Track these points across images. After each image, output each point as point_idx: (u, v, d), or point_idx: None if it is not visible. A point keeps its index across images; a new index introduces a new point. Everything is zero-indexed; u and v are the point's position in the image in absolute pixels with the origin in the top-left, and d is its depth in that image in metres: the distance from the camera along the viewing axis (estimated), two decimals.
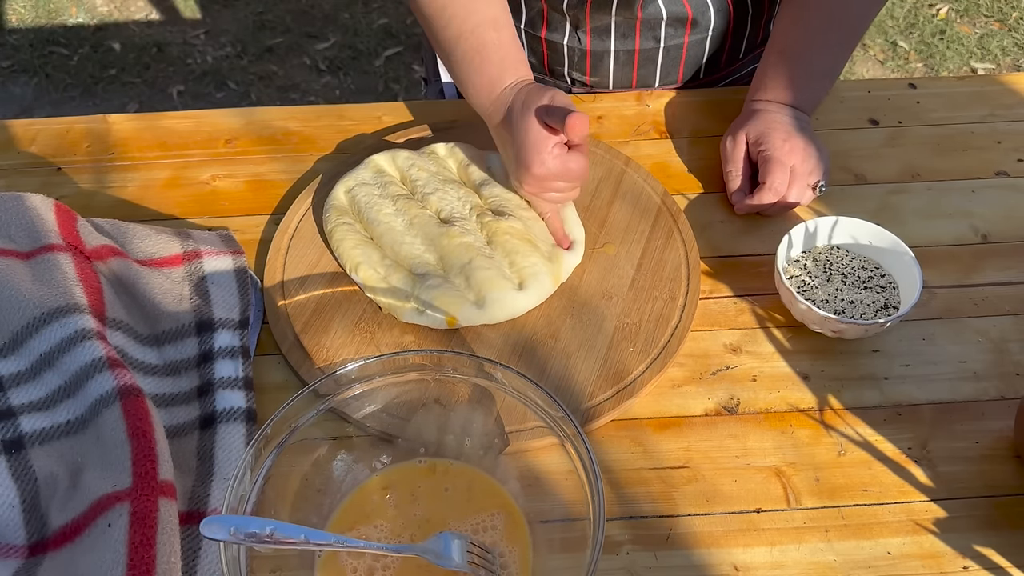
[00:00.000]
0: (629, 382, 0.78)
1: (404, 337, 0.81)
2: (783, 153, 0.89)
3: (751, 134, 0.92)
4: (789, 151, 0.89)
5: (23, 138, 0.99)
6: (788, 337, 0.82)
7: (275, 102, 2.36)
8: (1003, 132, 0.99)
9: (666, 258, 0.86)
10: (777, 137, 0.90)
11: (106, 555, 0.61)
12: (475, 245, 0.83)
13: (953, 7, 2.59)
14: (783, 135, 0.90)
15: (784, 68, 0.94)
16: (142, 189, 0.94)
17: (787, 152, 0.89)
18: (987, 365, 0.80)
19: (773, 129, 0.91)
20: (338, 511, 0.69)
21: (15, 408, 0.70)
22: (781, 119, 0.92)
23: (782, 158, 0.89)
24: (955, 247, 0.89)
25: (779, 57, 0.94)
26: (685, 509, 0.72)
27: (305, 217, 0.90)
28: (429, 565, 0.63)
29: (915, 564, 0.69)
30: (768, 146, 0.90)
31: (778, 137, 0.90)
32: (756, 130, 0.92)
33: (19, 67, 2.44)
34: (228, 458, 0.72)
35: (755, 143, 0.91)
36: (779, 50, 0.95)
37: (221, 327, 0.79)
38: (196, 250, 0.83)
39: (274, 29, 2.55)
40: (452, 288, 0.81)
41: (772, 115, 0.92)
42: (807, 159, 0.90)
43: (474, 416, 0.71)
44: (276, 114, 1.01)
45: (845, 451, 0.75)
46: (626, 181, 0.93)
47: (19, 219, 0.78)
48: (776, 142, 0.90)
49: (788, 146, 0.89)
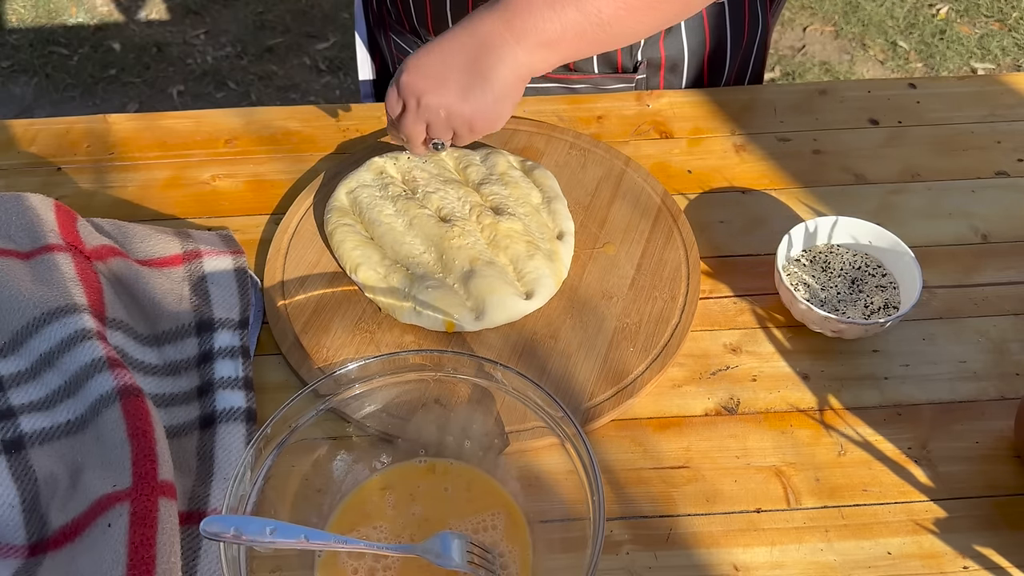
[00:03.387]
0: (629, 382, 0.78)
1: (404, 337, 0.81)
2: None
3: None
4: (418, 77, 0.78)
5: (23, 138, 0.99)
6: (788, 337, 0.82)
7: (275, 102, 2.36)
8: (1003, 132, 0.99)
9: (666, 258, 0.86)
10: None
11: (106, 555, 0.61)
12: (476, 247, 0.83)
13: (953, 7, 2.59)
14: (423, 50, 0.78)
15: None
16: (142, 189, 0.94)
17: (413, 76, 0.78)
18: (987, 365, 0.80)
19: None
20: (338, 511, 0.69)
21: (15, 408, 0.70)
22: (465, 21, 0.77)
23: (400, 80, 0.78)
24: (955, 247, 0.89)
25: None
26: (685, 509, 0.72)
27: (305, 217, 0.90)
28: (429, 565, 0.63)
29: (915, 564, 0.69)
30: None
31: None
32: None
33: (19, 67, 2.44)
34: (228, 458, 0.72)
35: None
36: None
37: (221, 327, 0.79)
38: (196, 250, 0.83)
39: (274, 29, 2.55)
40: (450, 292, 0.81)
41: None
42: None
43: (474, 416, 0.71)
44: (276, 114, 1.01)
45: (845, 451, 0.75)
46: (626, 181, 0.93)
47: (19, 219, 0.78)
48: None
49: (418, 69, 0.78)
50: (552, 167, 0.93)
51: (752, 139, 0.98)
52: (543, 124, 0.99)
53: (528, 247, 0.83)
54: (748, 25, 1.05)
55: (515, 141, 0.97)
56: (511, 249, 0.83)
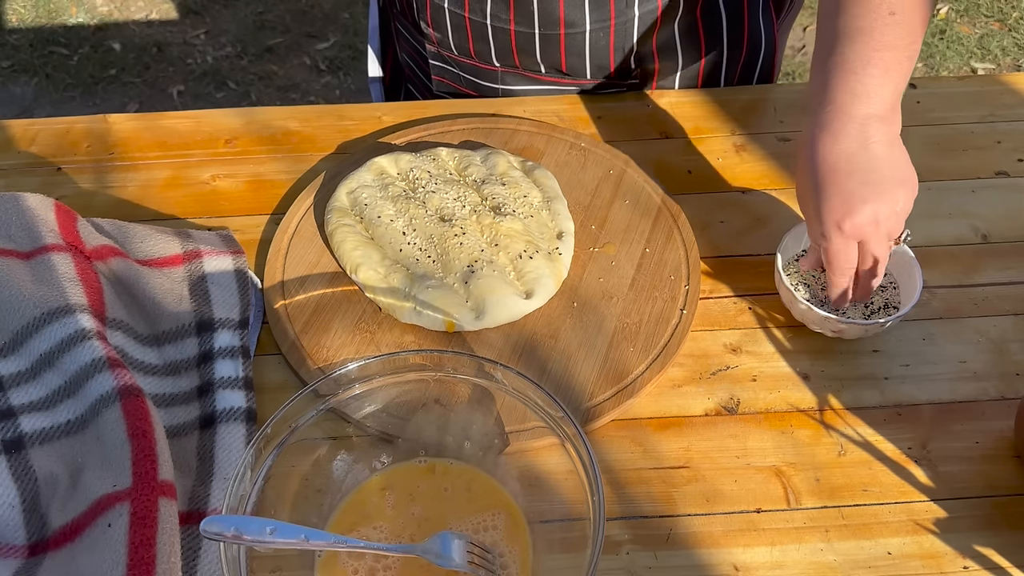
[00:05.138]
0: (629, 382, 0.78)
1: (404, 337, 0.81)
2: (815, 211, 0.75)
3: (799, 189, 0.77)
4: (822, 204, 0.74)
5: (23, 138, 0.99)
6: (788, 337, 0.82)
7: (275, 102, 2.36)
8: (1003, 132, 0.99)
9: (666, 258, 0.86)
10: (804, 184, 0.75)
11: (106, 555, 0.61)
12: (476, 247, 0.83)
13: (953, 7, 2.59)
14: (806, 178, 0.75)
15: (818, 64, 0.76)
16: (142, 189, 0.94)
17: (820, 208, 0.74)
18: (987, 365, 0.80)
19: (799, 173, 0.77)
20: (338, 511, 0.69)
21: (15, 408, 0.70)
22: (807, 155, 0.75)
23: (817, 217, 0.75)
24: (955, 247, 0.89)
25: (816, 59, 0.77)
26: (685, 509, 0.72)
27: (305, 217, 0.90)
28: (429, 565, 0.63)
29: (915, 564, 0.69)
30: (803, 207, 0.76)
31: (804, 184, 0.75)
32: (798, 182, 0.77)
33: (19, 67, 2.44)
34: (228, 458, 0.72)
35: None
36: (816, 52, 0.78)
37: (221, 327, 0.79)
38: (196, 250, 0.83)
39: (274, 29, 2.55)
40: (450, 292, 0.81)
41: (801, 152, 0.76)
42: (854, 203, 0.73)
43: (474, 416, 0.71)
44: (276, 114, 1.01)
45: (845, 451, 0.75)
46: (626, 181, 0.93)
47: (19, 219, 0.78)
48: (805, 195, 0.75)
49: (817, 195, 0.74)
50: (552, 167, 0.93)
51: (752, 139, 0.98)
52: (543, 124, 0.99)
53: (528, 247, 0.83)
54: (748, 38, 1.04)
55: (515, 141, 0.97)
56: (511, 249, 0.83)
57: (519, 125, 0.98)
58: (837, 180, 0.73)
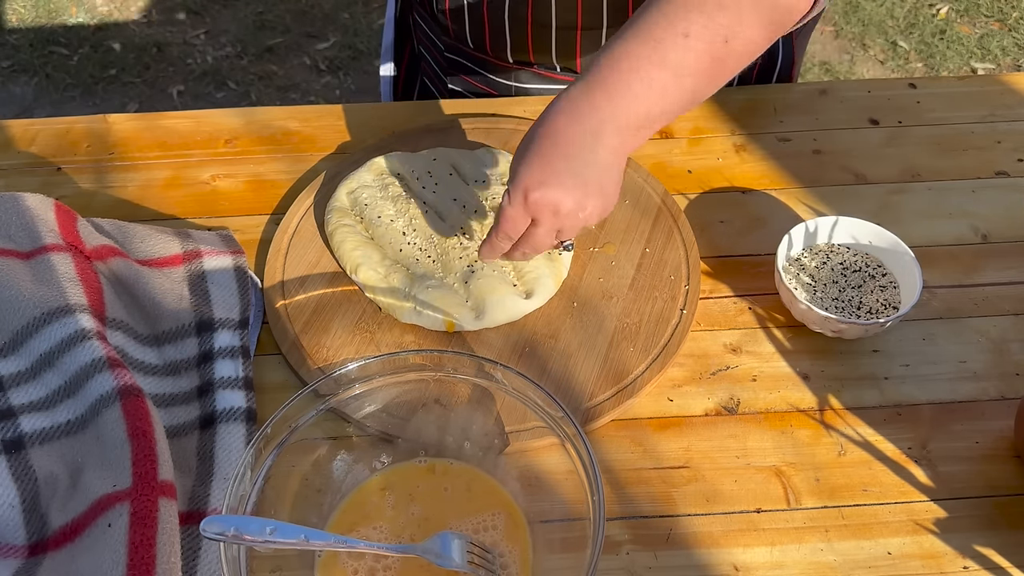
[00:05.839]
0: (629, 382, 0.78)
1: (404, 337, 0.81)
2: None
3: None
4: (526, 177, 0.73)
5: (23, 138, 0.99)
6: (788, 337, 0.82)
7: (275, 102, 2.36)
8: (1003, 132, 0.99)
9: (666, 258, 0.86)
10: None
11: (106, 555, 0.61)
12: (476, 247, 0.83)
13: (953, 7, 2.59)
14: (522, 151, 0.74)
15: (612, 41, 0.73)
16: (142, 189, 0.94)
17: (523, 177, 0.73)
18: (987, 365, 0.80)
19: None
20: (338, 511, 0.69)
21: (15, 408, 0.70)
22: (548, 113, 0.74)
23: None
24: (955, 247, 0.89)
25: (615, 36, 0.74)
26: (685, 509, 0.72)
27: (305, 217, 0.90)
28: (430, 565, 0.63)
29: (915, 564, 0.69)
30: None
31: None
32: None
33: (19, 67, 2.44)
34: (228, 458, 0.72)
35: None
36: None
37: (221, 327, 0.79)
38: (196, 250, 0.83)
39: (274, 29, 2.55)
40: (450, 292, 0.81)
41: (549, 106, 0.75)
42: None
43: (474, 416, 0.71)
44: (276, 114, 1.01)
45: (845, 451, 0.75)
46: (626, 181, 0.93)
47: (19, 219, 0.78)
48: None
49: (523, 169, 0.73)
50: None
51: (752, 139, 0.98)
52: None
53: None
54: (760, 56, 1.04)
55: (515, 141, 0.97)
56: None
57: (519, 125, 0.98)
58: (552, 154, 0.72)
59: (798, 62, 1.11)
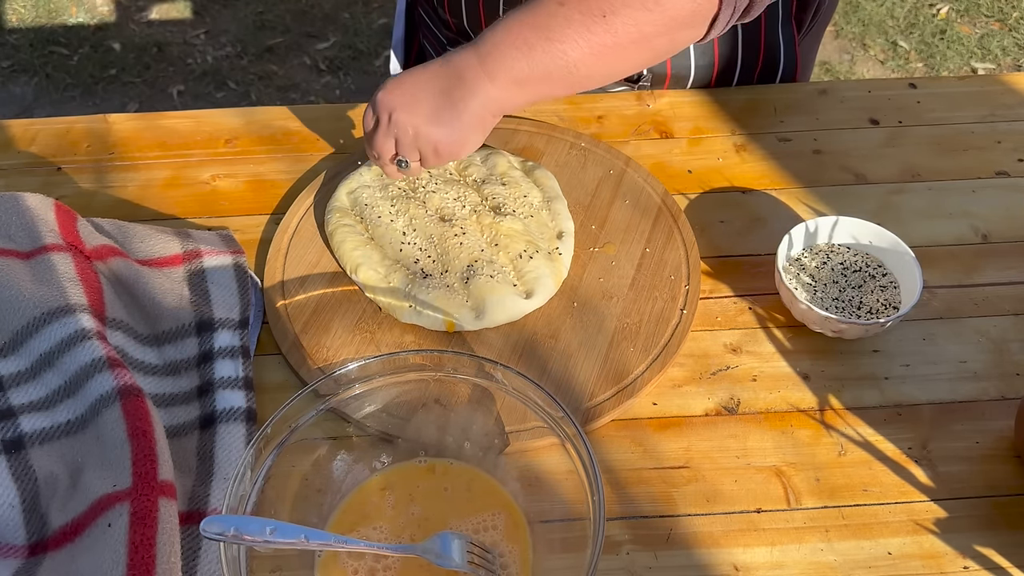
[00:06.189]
0: (629, 382, 0.78)
1: (404, 337, 0.80)
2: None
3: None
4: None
5: (23, 138, 0.99)
6: (788, 337, 0.82)
7: (275, 102, 2.36)
8: (1003, 132, 0.99)
9: (666, 258, 0.86)
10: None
11: (106, 555, 0.61)
12: (476, 247, 0.83)
13: (953, 7, 2.59)
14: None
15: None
16: (142, 189, 0.94)
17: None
18: (987, 365, 0.80)
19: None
20: (338, 511, 0.69)
21: (15, 408, 0.70)
22: (451, 53, 0.79)
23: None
24: (955, 247, 0.89)
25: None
26: (685, 509, 0.72)
27: (305, 217, 0.90)
28: (429, 565, 0.63)
29: (915, 564, 0.69)
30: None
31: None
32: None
33: (19, 67, 2.43)
34: (228, 458, 0.72)
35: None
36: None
37: (221, 327, 0.79)
38: (196, 250, 0.83)
39: (274, 29, 2.55)
40: (450, 292, 0.81)
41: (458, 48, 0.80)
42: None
43: (474, 416, 0.71)
44: (276, 114, 1.01)
45: (845, 451, 0.75)
46: (626, 181, 0.93)
47: (19, 219, 0.78)
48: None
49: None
50: (552, 167, 0.93)
51: (752, 139, 0.98)
52: (543, 124, 0.99)
53: (528, 247, 0.83)
54: (764, 51, 1.04)
55: (515, 141, 0.97)
56: (511, 249, 0.83)
57: (519, 125, 0.98)
58: (431, 87, 0.78)
59: (804, 67, 1.11)
